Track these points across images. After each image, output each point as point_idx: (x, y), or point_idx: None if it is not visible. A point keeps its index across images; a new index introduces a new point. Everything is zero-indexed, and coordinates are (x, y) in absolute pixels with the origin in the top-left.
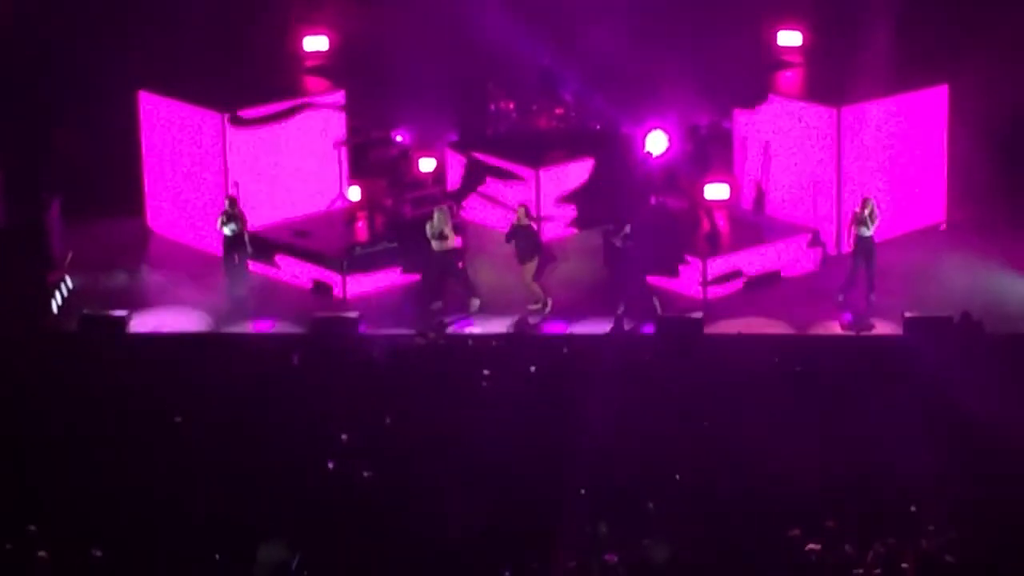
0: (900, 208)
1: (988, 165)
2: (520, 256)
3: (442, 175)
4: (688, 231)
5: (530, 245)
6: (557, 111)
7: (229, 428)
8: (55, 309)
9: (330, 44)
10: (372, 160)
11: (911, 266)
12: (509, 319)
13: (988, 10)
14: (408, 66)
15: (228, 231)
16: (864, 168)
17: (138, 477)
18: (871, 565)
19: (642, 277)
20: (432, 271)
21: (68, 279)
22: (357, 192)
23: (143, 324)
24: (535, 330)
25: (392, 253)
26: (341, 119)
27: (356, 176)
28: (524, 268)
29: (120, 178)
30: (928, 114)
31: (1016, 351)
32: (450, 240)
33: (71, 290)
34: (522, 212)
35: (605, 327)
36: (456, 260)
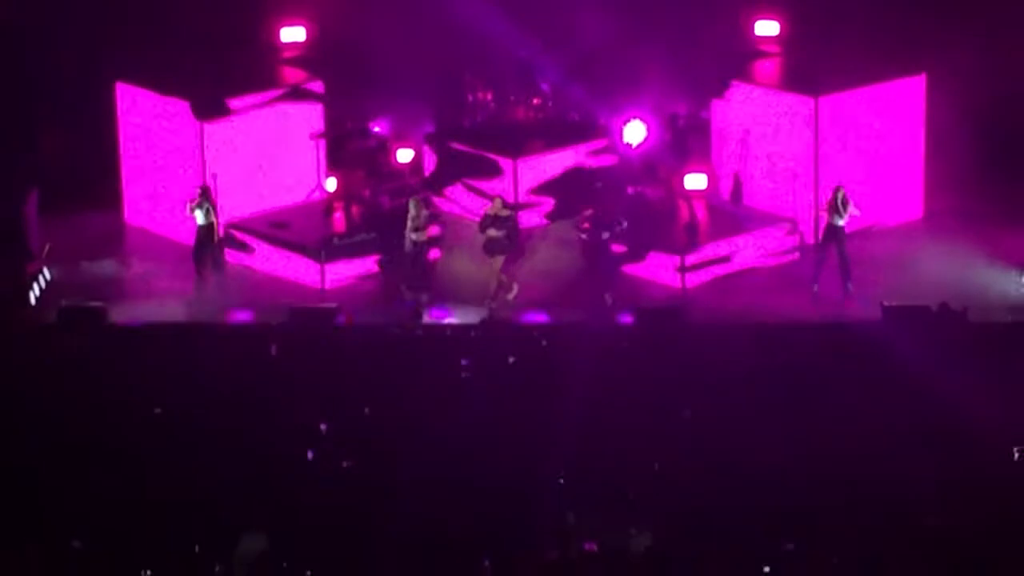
0: (877, 198)
1: (966, 155)
2: (491, 248)
3: (419, 166)
4: (666, 221)
5: (505, 238)
6: (535, 101)
7: (208, 419)
8: (33, 301)
9: (307, 35)
10: (350, 151)
11: (889, 255)
12: (484, 310)
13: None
14: (386, 57)
15: (200, 218)
16: (842, 157)
17: (116, 469)
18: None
19: (618, 267)
20: (411, 261)
21: (46, 271)
22: (334, 183)
23: (122, 315)
24: (510, 319)
25: (370, 244)
26: (318, 110)
27: (333, 167)
28: (493, 259)
29: (97, 170)
30: (906, 104)
31: (994, 340)
32: (423, 231)
33: (49, 281)
34: (498, 203)
35: (584, 317)
36: (428, 250)
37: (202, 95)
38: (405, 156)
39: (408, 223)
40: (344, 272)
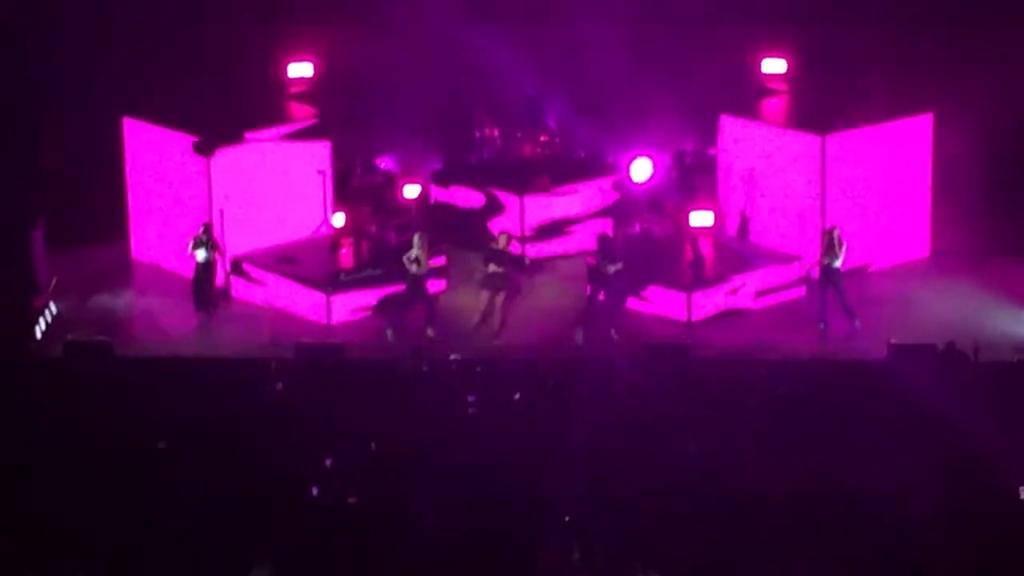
0: (883, 236)
1: (973, 192)
2: (491, 284)
3: (426, 201)
4: (672, 258)
5: (506, 274)
6: (542, 138)
7: (214, 454)
8: (39, 335)
9: (315, 71)
10: (356, 186)
11: (896, 293)
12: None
13: (972, 39)
14: (393, 93)
15: (200, 256)
16: (848, 196)
17: (122, 502)
18: None
19: (623, 303)
20: (414, 295)
21: (52, 305)
22: (342, 218)
23: (128, 350)
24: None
25: (377, 279)
26: (326, 146)
27: (340, 202)
28: (495, 295)
29: (104, 203)
30: (913, 142)
31: (1000, 379)
32: (423, 265)
33: (55, 315)
34: (503, 239)
35: (590, 352)
36: (426, 284)
37: (205, 133)
38: (412, 192)
39: (412, 252)
40: (351, 306)
